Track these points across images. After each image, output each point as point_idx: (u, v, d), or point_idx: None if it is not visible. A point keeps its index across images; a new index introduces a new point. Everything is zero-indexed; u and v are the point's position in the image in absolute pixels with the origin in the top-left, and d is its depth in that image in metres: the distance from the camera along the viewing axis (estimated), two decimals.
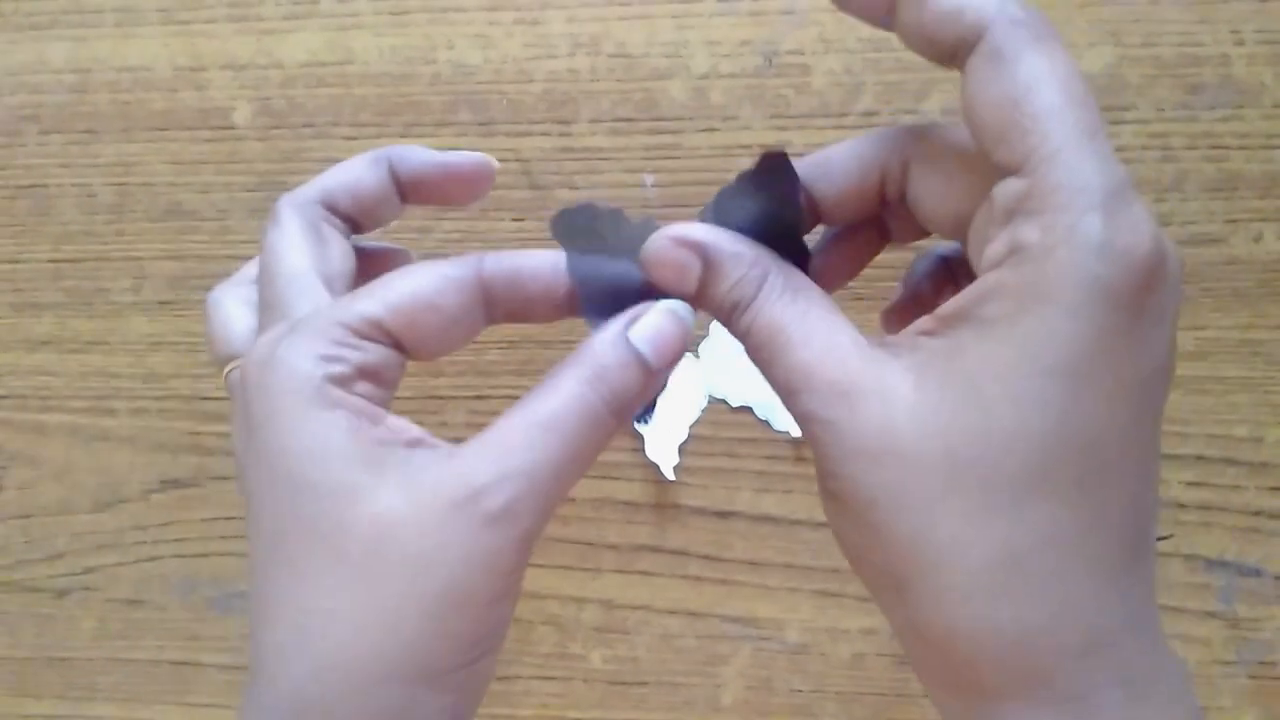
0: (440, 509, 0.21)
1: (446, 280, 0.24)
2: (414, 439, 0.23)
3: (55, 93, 0.48)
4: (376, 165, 0.31)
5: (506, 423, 0.23)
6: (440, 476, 0.22)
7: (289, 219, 0.29)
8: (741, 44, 0.45)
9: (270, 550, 0.22)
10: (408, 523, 0.21)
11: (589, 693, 0.47)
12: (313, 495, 0.22)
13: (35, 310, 0.48)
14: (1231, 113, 0.44)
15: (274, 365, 0.23)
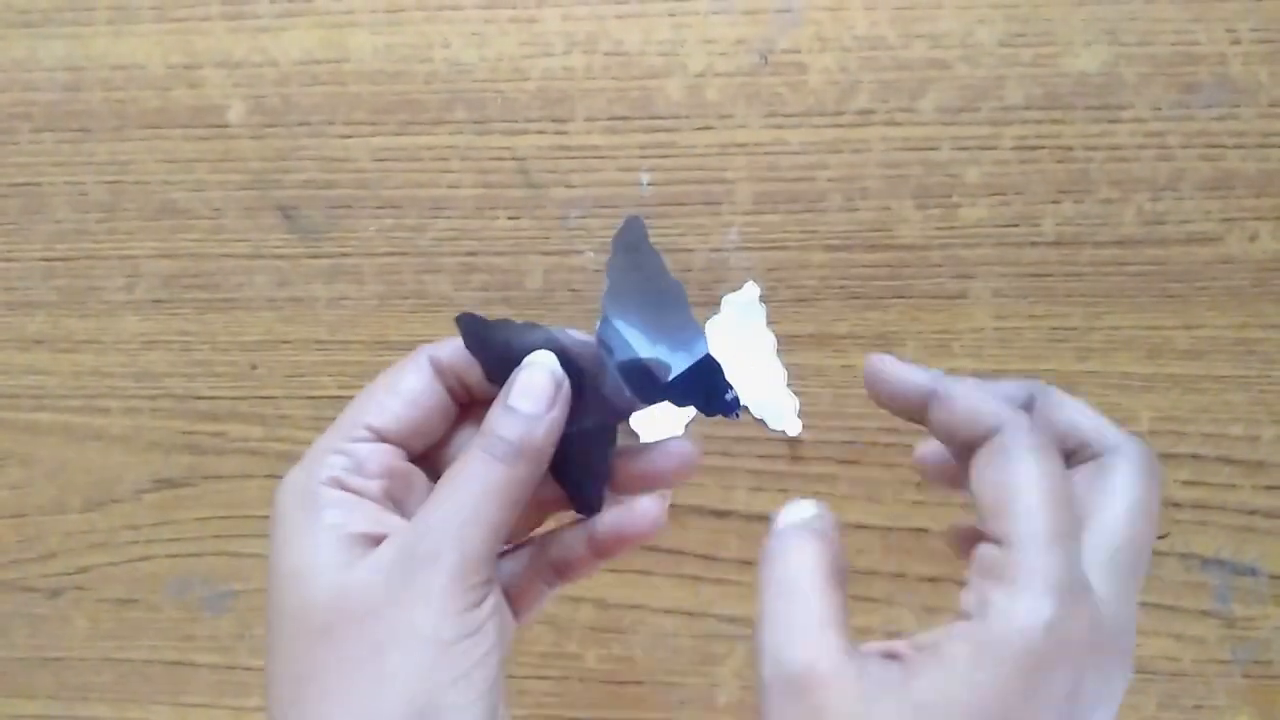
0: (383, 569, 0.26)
1: (402, 366, 0.29)
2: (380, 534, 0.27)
3: (48, 90, 0.48)
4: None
5: (431, 493, 0.27)
6: (388, 545, 0.26)
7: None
8: (737, 42, 0.45)
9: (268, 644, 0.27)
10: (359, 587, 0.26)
11: (585, 692, 0.47)
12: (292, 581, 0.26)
13: (28, 309, 0.48)
14: (1227, 111, 0.44)
15: (280, 489, 0.27)
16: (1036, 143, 0.45)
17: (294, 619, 0.26)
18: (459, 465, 0.27)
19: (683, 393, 0.29)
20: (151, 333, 0.48)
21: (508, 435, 0.27)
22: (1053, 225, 0.45)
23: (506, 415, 0.27)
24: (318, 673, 0.25)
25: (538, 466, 0.28)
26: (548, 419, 0.28)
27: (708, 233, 0.46)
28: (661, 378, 0.29)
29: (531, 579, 0.31)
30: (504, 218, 0.46)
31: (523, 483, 0.27)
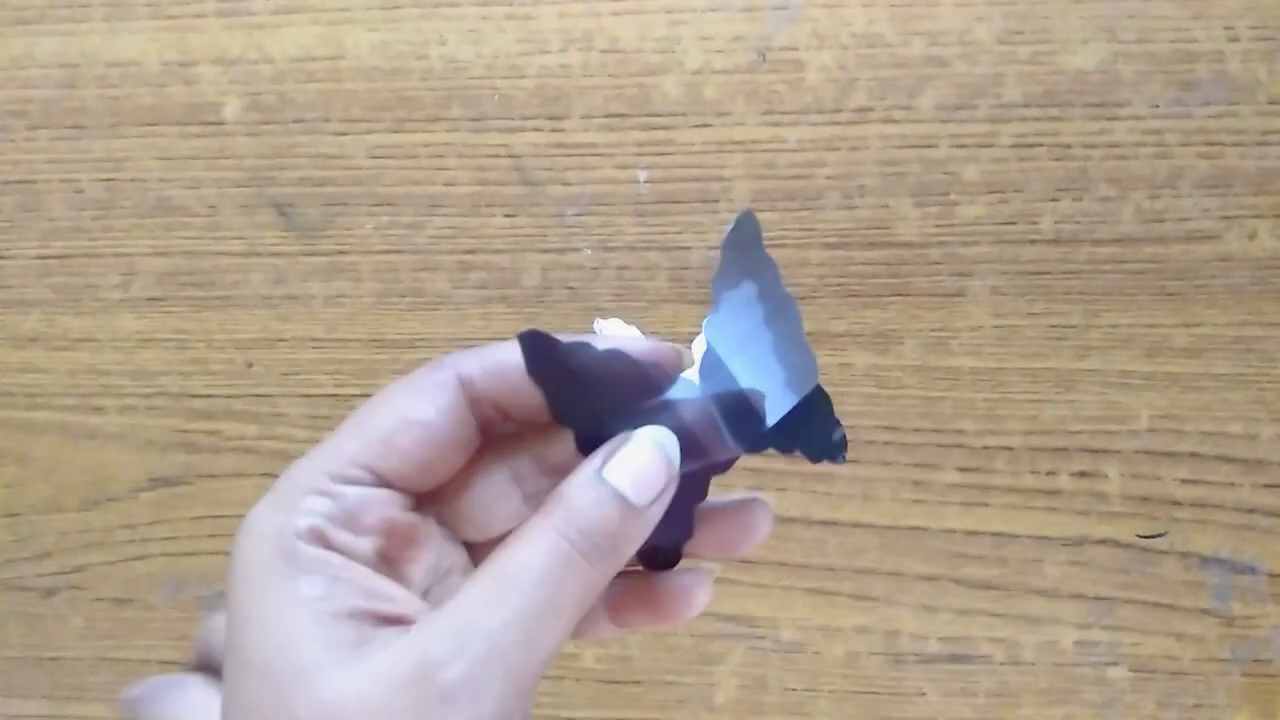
0: (392, 689, 0.19)
1: (418, 388, 0.22)
2: (393, 614, 0.21)
3: (43, 88, 0.48)
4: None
5: (471, 582, 0.21)
6: (397, 651, 0.19)
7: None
8: (734, 39, 0.45)
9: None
10: (351, 705, 0.19)
11: (582, 691, 0.47)
12: (261, 677, 0.20)
13: (23, 307, 0.48)
14: (1226, 109, 0.44)
15: (243, 528, 0.21)
16: (1035, 140, 0.45)
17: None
18: (519, 555, 0.21)
19: (790, 435, 0.24)
20: (147, 331, 0.48)
21: (604, 525, 0.21)
22: (1051, 223, 0.45)
23: (604, 499, 0.21)
24: None
25: (623, 565, 0.22)
26: (653, 512, 0.22)
27: (705, 231, 0.46)
28: (766, 417, 0.23)
29: None
30: (501, 215, 0.46)
31: (604, 585, 0.21)
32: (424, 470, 0.22)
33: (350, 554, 0.21)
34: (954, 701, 0.46)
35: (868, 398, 0.45)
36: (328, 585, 0.20)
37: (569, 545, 0.21)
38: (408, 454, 0.22)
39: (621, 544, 0.21)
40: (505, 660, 0.19)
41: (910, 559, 0.45)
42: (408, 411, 0.22)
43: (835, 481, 0.45)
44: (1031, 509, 0.45)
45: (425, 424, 0.22)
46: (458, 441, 0.23)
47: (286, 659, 0.19)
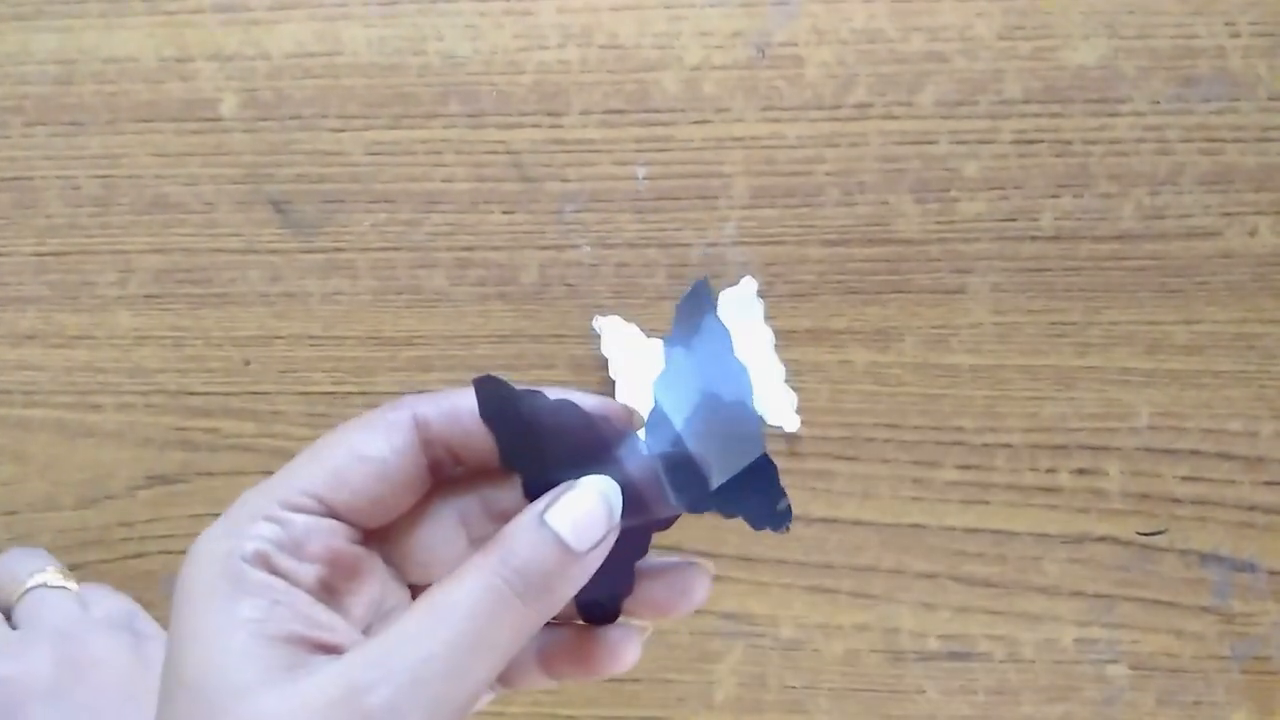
0: (315, 711, 0.19)
1: (373, 425, 0.23)
2: (328, 643, 0.21)
3: (39, 84, 0.47)
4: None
5: (405, 613, 0.21)
6: (326, 676, 0.20)
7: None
8: (733, 35, 0.45)
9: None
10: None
11: (581, 690, 0.47)
12: (192, 696, 0.20)
13: (19, 304, 0.48)
14: (1227, 105, 0.44)
15: (193, 547, 0.22)
16: (1035, 136, 0.44)
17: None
18: (453, 590, 0.21)
19: (733, 499, 0.24)
20: (144, 328, 0.47)
21: (539, 567, 0.21)
22: (1051, 219, 0.45)
23: (543, 542, 0.21)
24: None
25: (558, 610, 0.22)
26: (592, 558, 0.22)
27: (704, 227, 0.45)
28: (711, 479, 0.24)
29: None
30: (499, 212, 0.46)
31: (537, 627, 0.22)
32: (373, 505, 0.23)
33: (293, 580, 0.21)
34: (954, 699, 0.46)
35: (867, 395, 0.45)
36: (268, 609, 0.20)
37: (503, 583, 0.21)
38: (358, 488, 0.22)
39: (557, 586, 0.22)
40: (429, 690, 0.20)
41: (910, 556, 0.45)
42: (362, 447, 0.22)
43: (835, 479, 0.45)
44: (1031, 506, 0.45)
45: (378, 460, 0.22)
46: (408, 481, 0.23)
47: (219, 678, 0.20)
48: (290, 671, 0.20)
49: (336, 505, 0.22)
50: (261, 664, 0.20)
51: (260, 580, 0.21)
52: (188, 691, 0.20)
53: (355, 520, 0.23)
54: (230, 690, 0.20)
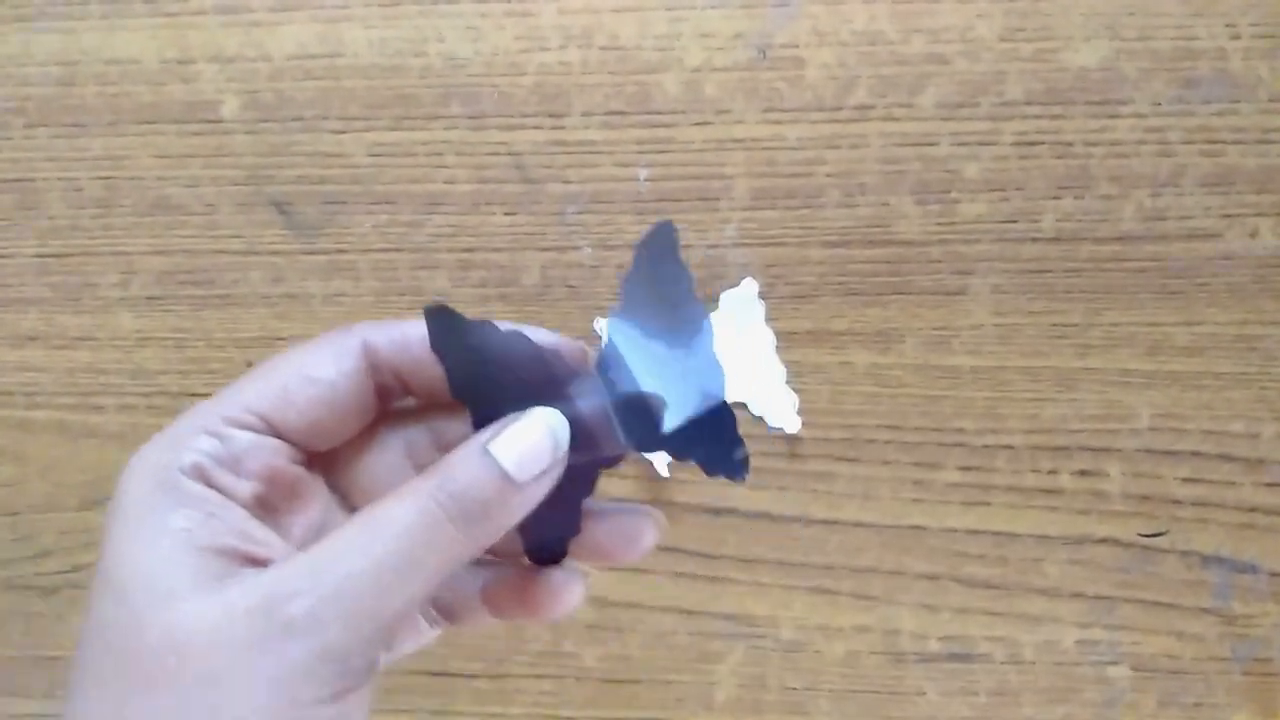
0: (235, 620, 0.19)
1: (321, 346, 0.23)
2: (261, 558, 0.21)
3: (42, 85, 0.47)
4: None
5: (338, 529, 0.21)
6: (251, 584, 0.20)
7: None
8: (734, 37, 0.45)
9: (77, 655, 0.21)
10: (198, 633, 0.19)
11: (581, 691, 0.47)
12: (117, 600, 0.20)
13: (21, 306, 0.48)
14: (1227, 107, 0.44)
15: (133, 457, 0.22)
16: (1036, 138, 0.44)
17: (111, 652, 0.20)
18: (388, 509, 0.21)
19: (687, 444, 0.24)
20: (146, 330, 0.48)
21: (477, 494, 0.21)
22: (1052, 221, 0.45)
23: (483, 468, 0.21)
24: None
25: (491, 541, 0.22)
26: (529, 492, 0.22)
27: (705, 229, 0.45)
28: (663, 421, 0.24)
29: (412, 615, 0.26)
30: (500, 213, 0.46)
31: (468, 555, 0.21)
32: (318, 428, 0.23)
33: (230, 494, 0.21)
34: (954, 701, 0.46)
35: (868, 396, 0.45)
36: (201, 520, 0.21)
37: (438, 506, 0.21)
38: (302, 409, 0.22)
39: (494, 515, 0.21)
40: (353, 603, 0.20)
41: (910, 558, 0.45)
42: (310, 369, 0.22)
43: (835, 480, 0.45)
44: (1032, 508, 0.45)
45: (325, 383, 0.22)
46: (355, 405, 0.23)
47: (146, 582, 0.20)
48: (219, 581, 0.20)
49: (280, 425, 0.22)
50: (189, 572, 0.20)
51: (195, 492, 0.21)
52: (114, 595, 0.20)
53: (299, 441, 0.23)
54: (155, 594, 0.20)
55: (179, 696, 0.19)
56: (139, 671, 0.20)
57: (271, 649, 0.19)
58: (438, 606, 0.26)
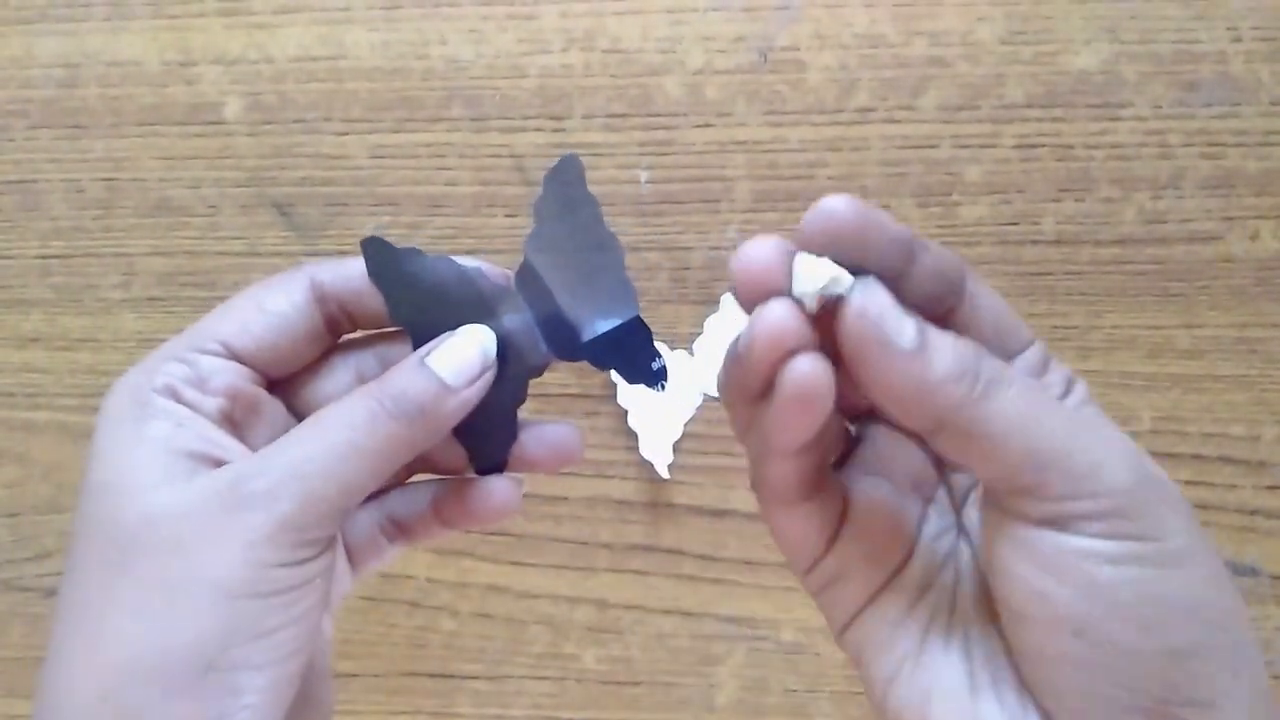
0: (203, 499, 0.22)
1: (273, 282, 0.26)
2: (223, 460, 0.24)
3: (44, 87, 0.47)
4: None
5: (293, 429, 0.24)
6: (217, 474, 0.23)
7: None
8: (736, 39, 0.45)
9: (67, 557, 0.23)
10: (171, 515, 0.22)
11: (582, 693, 0.47)
12: (99, 496, 0.23)
13: (23, 307, 0.48)
14: (1228, 110, 0.44)
15: (110, 389, 0.24)
16: (1037, 141, 0.44)
17: (96, 539, 0.23)
18: (336, 408, 0.24)
19: (605, 355, 0.27)
20: (148, 331, 0.48)
21: (412, 394, 0.24)
22: (1053, 224, 0.45)
23: (418, 374, 0.24)
24: (105, 605, 0.22)
25: (432, 438, 0.25)
26: (463, 396, 0.25)
27: (706, 231, 0.46)
28: (580, 333, 0.26)
29: (373, 532, 0.29)
30: (502, 215, 0.46)
31: (408, 449, 0.24)
32: (273, 353, 0.26)
33: (197, 409, 0.24)
34: None
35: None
36: (173, 429, 0.23)
37: (379, 405, 0.24)
38: (259, 336, 0.25)
39: (430, 414, 0.24)
40: (304, 483, 0.23)
41: None
42: (263, 302, 0.26)
43: None
44: None
45: (277, 313, 0.25)
46: (305, 332, 0.26)
47: (125, 479, 0.23)
48: (189, 476, 0.23)
49: (240, 351, 0.25)
50: (162, 469, 0.23)
51: (166, 406, 0.24)
52: (96, 491, 0.23)
53: (258, 366, 0.25)
54: (132, 488, 0.23)
55: (155, 562, 0.22)
56: (119, 547, 0.22)
57: (236, 518, 0.22)
58: (394, 524, 0.29)
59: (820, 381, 0.21)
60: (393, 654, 0.47)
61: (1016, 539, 0.21)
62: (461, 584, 0.47)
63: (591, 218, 0.26)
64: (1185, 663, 0.20)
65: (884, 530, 0.25)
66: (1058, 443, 0.20)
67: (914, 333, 0.20)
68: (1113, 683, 0.20)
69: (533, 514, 0.47)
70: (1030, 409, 0.20)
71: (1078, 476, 0.20)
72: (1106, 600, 0.20)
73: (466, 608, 0.47)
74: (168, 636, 0.22)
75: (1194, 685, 0.20)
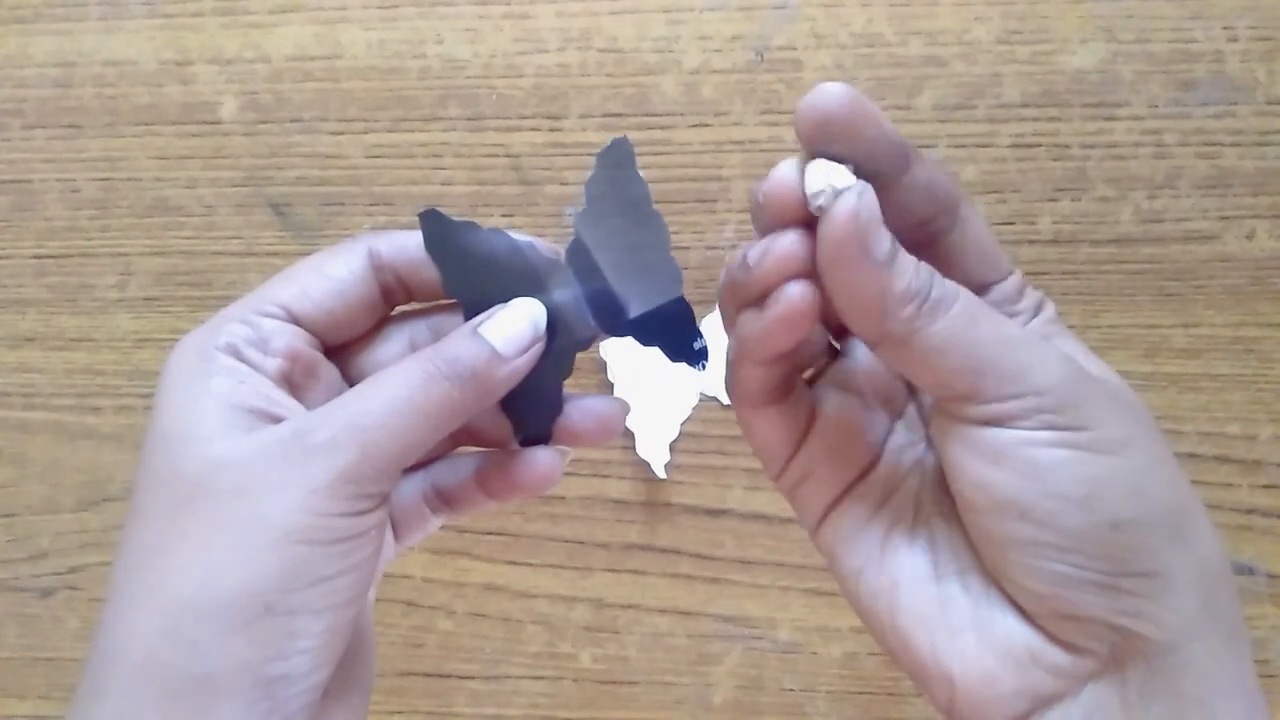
0: (265, 448, 0.23)
1: (335, 250, 0.27)
2: (281, 417, 0.24)
3: (39, 87, 0.47)
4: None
5: (350, 390, 0.25)
6: (277, 428, 0.24)
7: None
8: (732, 39, 0.45)
9: (130, 504, 0.24)
10: (233, 462, 0.23)
11: (579, 692, 0.47)
12: (165, 447, 0.24)
13: (19, 306, 0.48)
14: (1225, 109, 0.44)
15: (175, 347, 0.25)
16: (1033, 140, 0.44)
17: (159, 485, 0.23)
18: (392, 370, 0.25)
19: (649, 332, 0.27)
20: (144, 331, 0.48)
21: (466, 359, 0.25)
22: (1050, 223, 0.45)
23: (471, 341, 0.25)
24: (167, 546, 0.23)
25: (482, 403, 0.25)
26: (514, 365, 0.25)
27: (703, 230, 0.46)
28: (627, 310, 0.27)
29: (417, 502, 0.29)
30: (498, 215, 0.46)
31: (460, 412, 0.25)
32: (331, 318, 0.26)
33: (258, 368, 0.25)
34: None
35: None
36: (234, 385, 0.24)
37: (434, 366, 0.25)
38: (318, 301, 0.26)
39: (482, 379, 0.25)
40: (364, 436, 0.23)
41: None
42: (324, 268, 0.26)
43: None
44: None
45: (336, 279, 0.26)
46: (362, 300, 0.27)
47: (187, 429, 0.24)
48: (250, 429, 0.24)
49: (300, 314, 0.26)
50: (225, 421, 0.24)
51: (228, 364, 0.24)
52: (159, 441, 0.24)
53: (316, 330, 0.26)
54: (194, 438, 0.23)
55: (217, 506, 0.23)
56: (181, 494, 0.23)
57: (296, 466, 0.23)
58: (439, 495, 0.29)
59: (808, 305, 0.23)
60: (389, 654, 0.47)
61: (962, 437, 0.23)
62: (458, 583, 0.47)
63: (639, 198, 0.27)
64: (1125, 535, 0.22)
65: (846, 435, 0.27)
66: (988, 351, 0.22)
67: (889, 245, 0.22)
68: (1058, 560, 0.22)
69: (529, 513, 0.47)
70: (967, 326, 0.22)
71: (1008, 379, 0.22)
72: (1044, 482, 0.22)
73: (463, 607, 0.47)
74: (228, 577, 0.22)
75: (1136, 557, 0.22)
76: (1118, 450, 0.22)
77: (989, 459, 0.22)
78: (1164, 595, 0.22)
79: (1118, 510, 0.22)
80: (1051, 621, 0.23)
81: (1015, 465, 0.22)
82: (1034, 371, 0.22)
